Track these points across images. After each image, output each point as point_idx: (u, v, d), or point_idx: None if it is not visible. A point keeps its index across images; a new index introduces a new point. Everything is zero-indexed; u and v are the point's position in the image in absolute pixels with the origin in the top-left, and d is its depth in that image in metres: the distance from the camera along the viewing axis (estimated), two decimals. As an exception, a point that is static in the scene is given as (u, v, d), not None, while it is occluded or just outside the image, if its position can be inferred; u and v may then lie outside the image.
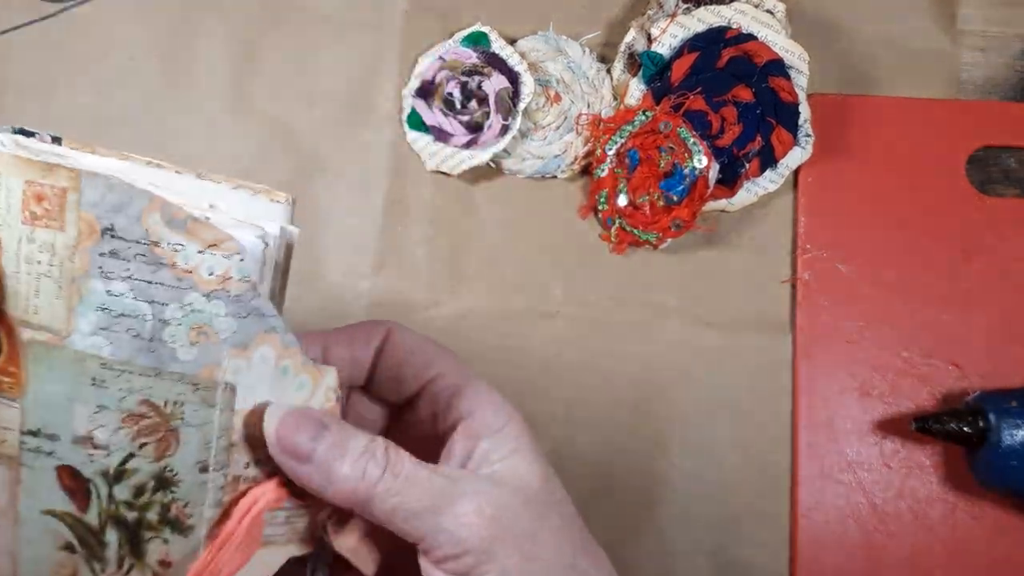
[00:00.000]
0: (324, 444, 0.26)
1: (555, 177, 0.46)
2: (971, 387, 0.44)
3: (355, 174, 0.46)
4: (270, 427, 0.26)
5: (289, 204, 0.26)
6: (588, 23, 0.47)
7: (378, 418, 0.33)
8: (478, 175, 0.46)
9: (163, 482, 0.25)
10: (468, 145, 0.45)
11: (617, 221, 0.44)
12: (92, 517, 0.25)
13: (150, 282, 0.24)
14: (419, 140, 0.46)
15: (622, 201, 0.43)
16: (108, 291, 0.24)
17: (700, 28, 0.44)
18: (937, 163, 0.46)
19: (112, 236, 0.24)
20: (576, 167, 0.45)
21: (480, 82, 0.44)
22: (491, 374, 0.44)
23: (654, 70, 0.44)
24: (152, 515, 0.26)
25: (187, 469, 0.25)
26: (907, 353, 0.44)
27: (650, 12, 0.45)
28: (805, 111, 0.44)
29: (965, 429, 0.41)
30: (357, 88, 0.47)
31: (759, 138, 0.43)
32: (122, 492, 0.25)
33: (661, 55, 0.44)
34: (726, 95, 0.43)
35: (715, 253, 0.45)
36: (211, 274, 0.24)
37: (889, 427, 0.44)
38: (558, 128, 0.45)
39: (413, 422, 0.31)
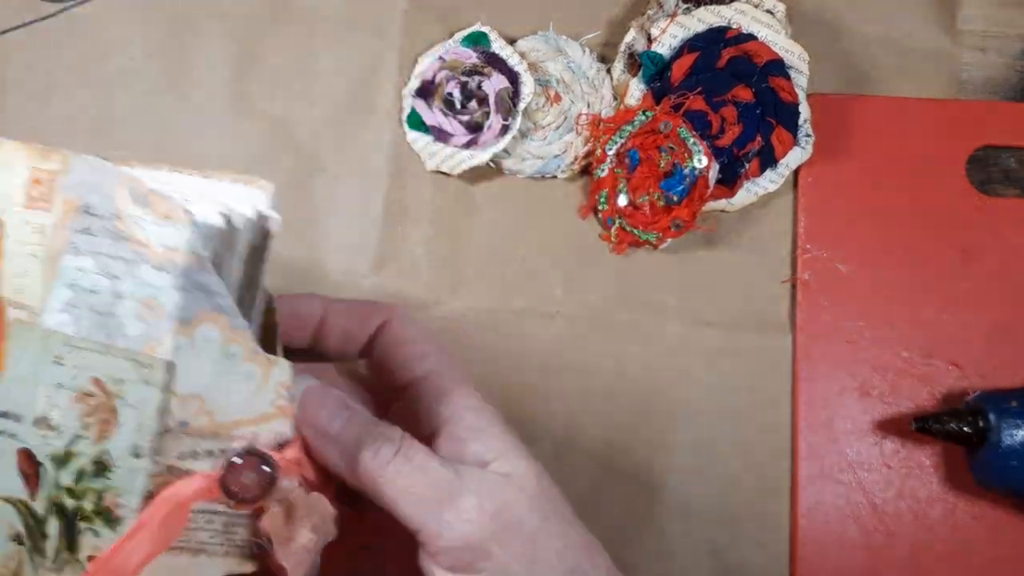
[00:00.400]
0: (343, 421, 0.27)
1: (555, 177, 0.46)
2: (971, 387, 0.44)
3: (355, 174, 0.46)
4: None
5: (270, 193, 0.26)
6: (588, 23, 0.47)
7: (368, 404, 0.33)
8: (478, 175, 0.46)
9: (100, 467, 0.25)
10: (468, 145, 0.45)
11: (617, 221, 0.44)
12: (39, 504, 0.25)
13: (112, 257, 0.24)
14: (419, 140, 0.46)
15: (622, 201, 0.43)
16: (77, 267, 0.24)
17: (700, 28, 0.44)
18: (937, 163, 0.46)
19: (87, 213, 0.24)
20: (576, 167, 0.45)
21: (480, 82, 0.45)
22: (491, 374, 0.44)
23: (654, 70, 0.44)
24: (87, 504, 0.25)
25: (122, 454, 0.24)
26: (907, 353, 0.44)
27: (650, 12, 0.45)
28: (805, 111, 0.44)
29: (965, 429, 0.41)
30: (357, 88, 0.47)
31: (759, 138, 0.43)
32: (66, 477, 0.25)
33: (661, 55, 0.44)
34: (726, 95, 0.43)
35: (715, 253, 0.45)
36: (163, 246, 0.24)
37: (889, 427, 0.44)
38: (558, 128, 0.45)
39: (400, 415, 0.31)
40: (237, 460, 0.25)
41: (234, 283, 0.25)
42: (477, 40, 0.45)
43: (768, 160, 0.44)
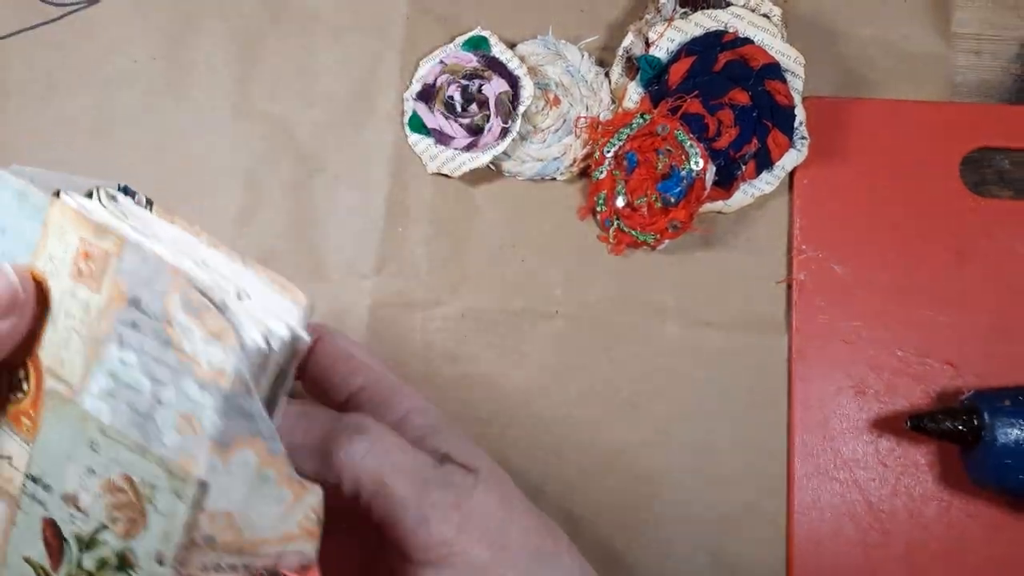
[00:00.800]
0: (304, 427, 0.27)
1: (554, 179, 0.46)
2: (966, 386, 0.44)
3: (356, 175, 0.46)
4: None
5: (304, 307, 0.26)
6: (587, 27, 0.47)
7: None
8: (478, 177, 0.46)
9: (123, 562, 0.25)
10: (468, 148, 0.45)
11: (615, 222, 0.44)
12: None
13: (157, 360, 0.24)
14: (420, 142, 0.46)
15: (620, 203, 0.44)
16: (121, 359, 0.24)
17: (697, 32, 0.44)
18: (932, 165, 0.46)
19: (136, 308, 0.24)
20: (575, 169, 0.46)
21: (480, 86, 0.45)
22: (491, 374, 0.45)
23: (652, 74, 0.44)
24: None
25: (146, 557, 0.24)
26: (902, 352, 0.45)
27: (648, 17, 0.45)
28: (801, 114, 0.44)
29: (960, 428, 0.41)
30: (358, 90, 0.47)
31: (755, 140, 0.43)
32: (88, 562, 0.25)
33: (659, 59, 0.44)
34: (723, 98, 0.43)
35: (712, 254, 0.46)
36: (210, 365, 0.23)
37: (884, 426, 0.44)
38: (557, 131, 0.46)
39: None
40: None
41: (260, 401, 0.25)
42: (477, 44, 0.46)
43: (764, 162, 0.44)
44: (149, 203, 0.28)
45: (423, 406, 0.31)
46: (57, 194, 0.26)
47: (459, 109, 0.45)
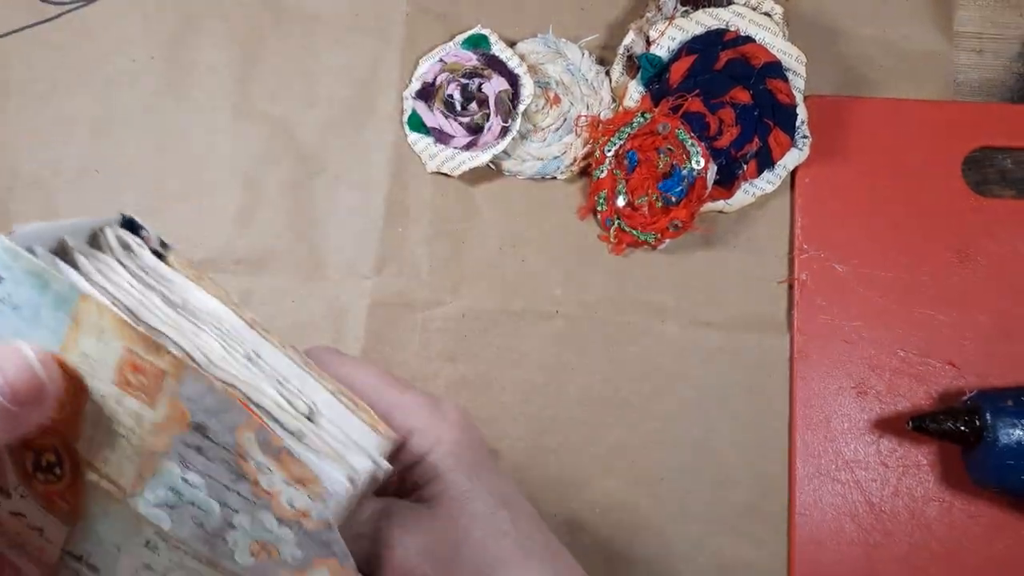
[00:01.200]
0: None
1: (554, 178, 0.46)
2: (967, 386, 0.44)
3: (356, 175, 0.46)
4: None
5: (389, 441, 0.25)
6: (587, 26, 0.47)
7: None
8: (478, 176, 0.46)
9: None
10: (468, 147, 0.45)
11: (616, 222, 0.44)
12: None
13: (227, 487, 0.23)
14: (420, 141, 0.46)
15: (621, 202, 0.44)
16: (184, 478, 0.23)
17: (698, 31, 0.44)
18: (933, 164, 0.46)
19: (202, 434, 0.23)
20: (575, 168, 0.46)
21: (480, 84, 0.45)
22: (491, 374, 0.45)
23: (652, 72, 0.44)
24: None
25: None
26: (903, 352, 0.45)
27: (648, 15, 0.45)
28: (802, 113, 0.44)
29: (961, 428, 0.41)
30: (358, 90, 0.47)
31: (756, 139, 0.43)
32: None
33: (659, 57, 0.44)
34: (724, 97, 0.43)
35: (713, 254, 0.46)
36: (291, 505, 0.23)
37: (886, 426, 0.44)
38: (557, 130, 0.46)
39: None
40: None
41: None
42: (477, 43, 0.46)
43: (765, 161, 0.44)
44: (163, 245, 0.26)
45: (389, 378, 0.30)
46: (80, 286, 0.24)
47: (459, 108, 0.45)
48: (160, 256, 0.26)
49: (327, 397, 0.25)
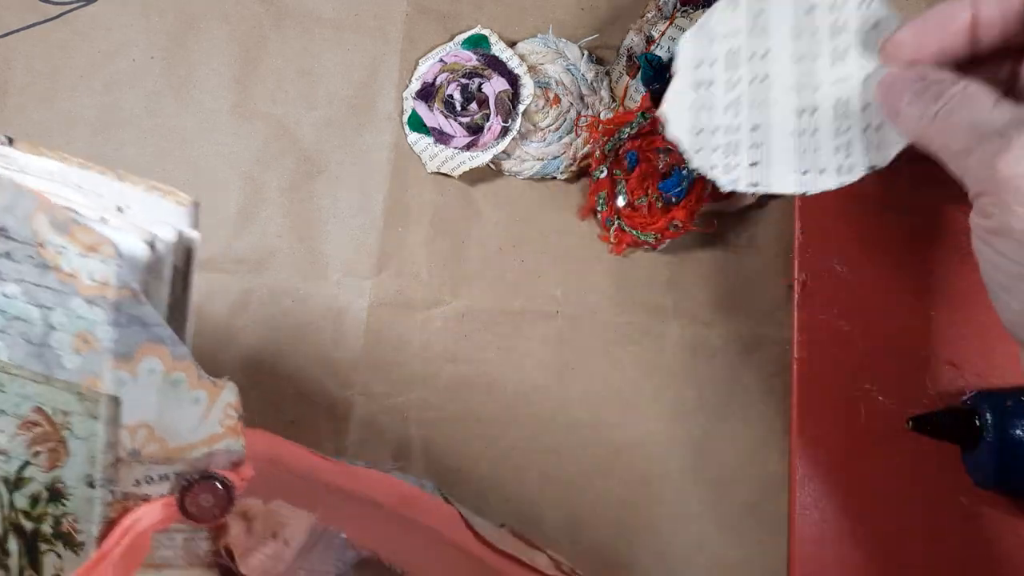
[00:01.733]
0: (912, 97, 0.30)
1: (554, 178, 0.46)
2: (968, 386, 0.44)
3: (356, 175, 0.46)
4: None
5: (192, 207, 0.25)
6: (587, 26, 0.47)
7: None
8: (478, 176, 0.46)
9: (55, 494, 0.25)
10: (468, 147, 0.45)
11: (616, 222, 0.44)
12: None
13: (38, 285, 0.24)
14: (420, 142, 0.46)
15: (621, 202, 0.44)
16: (3, 293, 0.24)
17: (698, 30, 0.44)
18: (934, 164, 0.46)
19: (5, 237, 0.23)
20: (575, 168, 0.46)
21: (480, 84, 0.45)
22: (491, 374, 0.45)
23: (653, 72, 0.44)
24: (46, 527, 0.25)
25: (76, 482, 0.24)
26: (903, 352, 0.45)
27: (649, 15, 0.45)
28: (802, 113, 0.44)
29: (961, 428, 0.41)
30: (358, 90, 0.47)
31: (757, 139, 0.43)
32: (20, 500, 0.25)
33: (660, 57, 0.44)
34: (724, 97, 0.43)
35: (713, 253, 0.46)
36: (92, 279, 0.23)
37: (886, 426, 0.44)
38: (557, 130, 0.46)
39: None
40: (193, 483, 0.25)
41: (163, 309, 0.25)
42: (477, 43, 0.46)
43: (766, 161, 0.44)
44: (9, 140, 0.26)
45: None
46: None
47: (459, 108, 0.45)
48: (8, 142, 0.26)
49: (141, 193, 0.25)
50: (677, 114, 0.33)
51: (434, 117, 0.45)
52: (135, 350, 0.24)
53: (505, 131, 0.44)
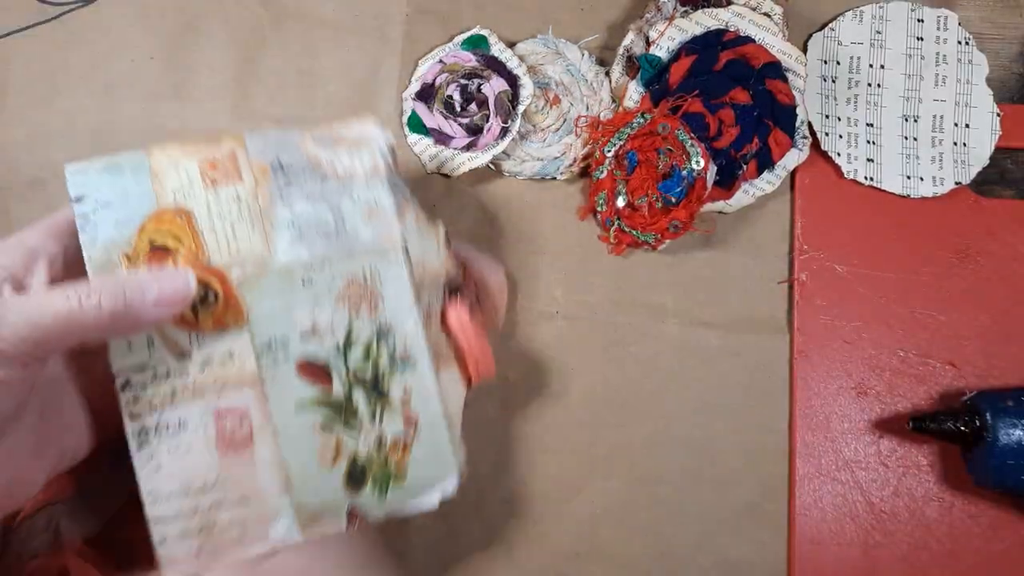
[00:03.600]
0: None
1: (554, 179, 0.46)
2: (967, 386, 0.44)
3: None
4: None
5: (375, 120, 0.33)
6: (587, 26, 0.47)
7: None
8: (478, 177, 0.46)
9: (382, 333, 0.30)
10: (468, 147, 0.45)
11: (616, 222, 0.44)
12: (338, 389, 0.30)
13: (323, 193, 0.30)
14: (419, 142, 0.46)
15: (621, 202, 0.44)
16: (295, 212, 0.30)
17: (698, 31, 0.44)
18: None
19: (283, 170, 0.30)
20: (575, 169, 0.46)
21: (480, 85, 0.45)
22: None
23: (652, 73, 0.44)
24: (384, 360, 0.30)
25: (396, 316, 0.30)
26: (904, 353, 0.45)
27: (648, 15, 0.45)
28: (802, 113, 0.44)
29: (961, 428, 0.41)
30: (358, 91, 0.47)
31: (756, 140, 0.43)
32: (355, 357, 0.30)
33: (659, 58, 0.44)
34: (724, 97, 0.43)
35: (713, 254, 0.46)
36: (363, 167, 0.31)
37: (886, 426, 0.44)
38: (557, 130, 0.46)
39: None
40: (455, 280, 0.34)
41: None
42: (477, 43, 0.46)
43: (765, 162, 0.44)
44: None
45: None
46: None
47: (458, 108, 0.45)
48: None
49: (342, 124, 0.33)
50: (809, 96, 0.42)
51: (434, 118, 0.45)
52: (402, 207, 0.31)
53: (505, 132, 0.44)
